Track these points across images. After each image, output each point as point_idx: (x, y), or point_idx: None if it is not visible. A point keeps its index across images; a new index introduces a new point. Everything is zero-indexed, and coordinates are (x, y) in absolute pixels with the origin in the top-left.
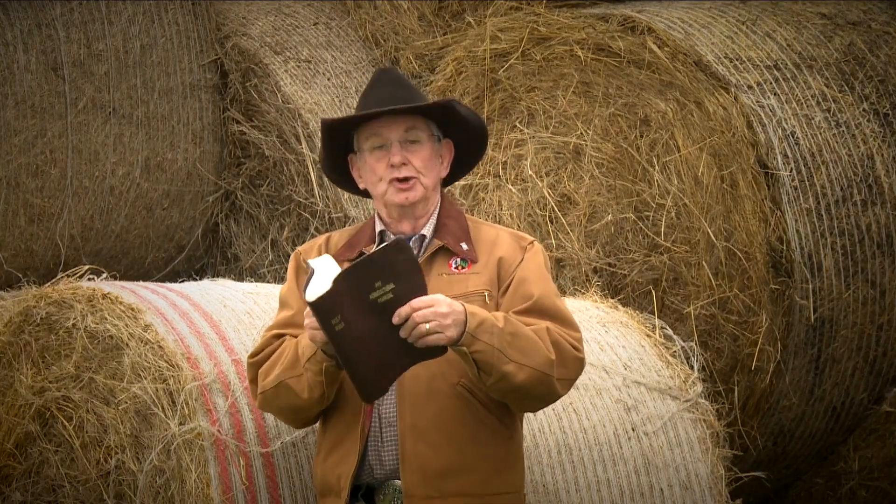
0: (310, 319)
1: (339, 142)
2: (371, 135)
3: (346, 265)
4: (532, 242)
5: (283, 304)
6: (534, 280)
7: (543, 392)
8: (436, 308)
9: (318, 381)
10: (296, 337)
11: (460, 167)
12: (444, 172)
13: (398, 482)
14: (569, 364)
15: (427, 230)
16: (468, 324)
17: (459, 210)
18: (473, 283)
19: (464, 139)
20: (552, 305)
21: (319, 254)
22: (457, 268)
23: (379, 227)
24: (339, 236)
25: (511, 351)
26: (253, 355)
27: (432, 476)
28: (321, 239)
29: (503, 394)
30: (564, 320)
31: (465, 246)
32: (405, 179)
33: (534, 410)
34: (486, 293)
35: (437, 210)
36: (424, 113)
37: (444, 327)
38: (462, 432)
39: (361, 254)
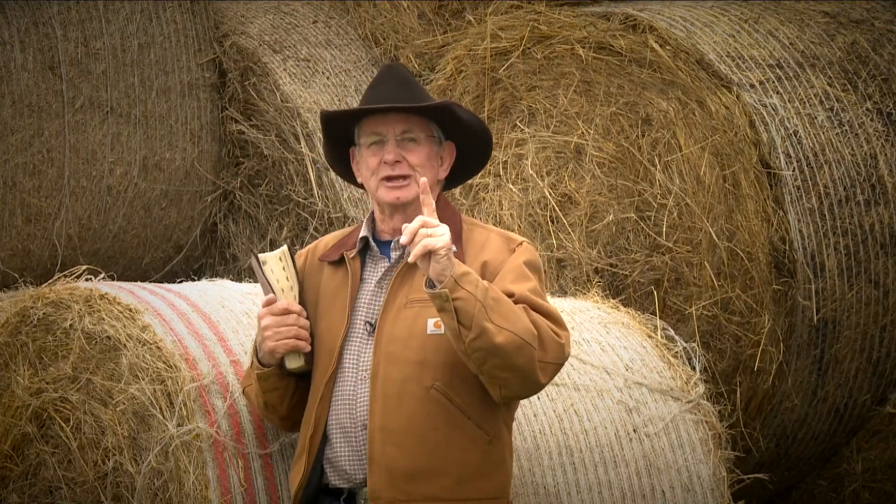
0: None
1: (340, 134)
2: (369, 131)
3: (327, 267)
4: (521, 243)
5: None
6: (511, 279)
7: (524, 364)
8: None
9: (258, 389)
10: None
11: (463, 171)
12: (443, 174)
13: None
14: (548, 347)
15: None
16: (454, 270)
17: (456, 211)
18: None
19: (466, 143)
20: (534, 303)
21: (305, 259)
22: None
23: (364, 231)
24: (329, 239)
25: (493, 312)
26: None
27: (399, 478)
28: (314, 243)
29: (483, 358)
30: (548, 314)
31: (453, 248)
32: (398, 177)
33: (515, 393)
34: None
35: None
36: (423, 113)
37: (437, 238)
38: (434, 436)
39: (342, 258)
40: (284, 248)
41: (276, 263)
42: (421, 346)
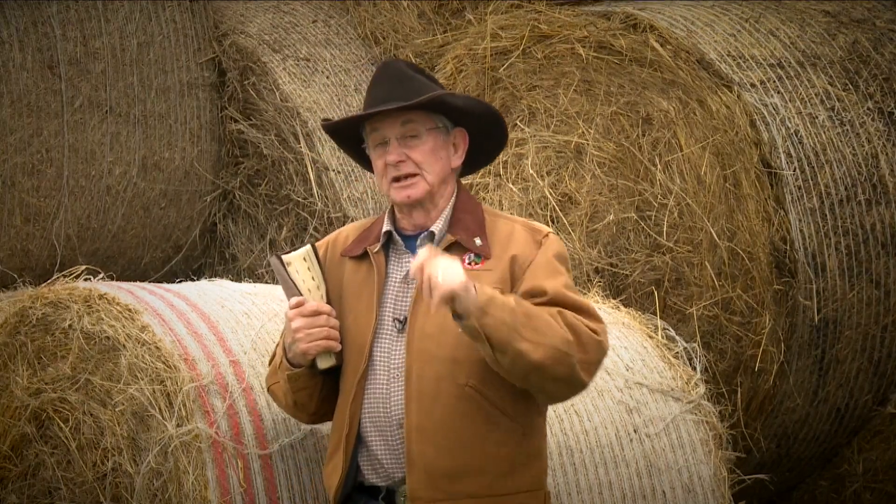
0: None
1: (351, 137)
2: (371, 132)
3: (349, 261)
4: (547, 235)
5: None
6: (545, 275)
7: (565, 373)
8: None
9: (287, 388)
10: None
11: (483, 155)
12: (457, 162)
13: None
14: (588, 347)
15: (437, 226)
16: (478, 300)
17: (476, 202)
18: (486, 281)
19: (477, 127)
20: (568, 299)
21: (325, 252)
22: (470, 264)
23: (387, 226)
24: (350, 230)
25: (525, 330)
26: (270, 361)
27: (438, 478)
28: (333, 235)
29: (523, 375)
30: (581, 310)
31: (478, 241)
32: (405, 177)
33: (561, 398)
34: (497, 291)
35: (453, 203)
36: (415, 109)
37: (444, 283)
38: (470, 433)
39: (366, 253)
40: (308, 247)
41: (300, 264)
42: (453, 343)
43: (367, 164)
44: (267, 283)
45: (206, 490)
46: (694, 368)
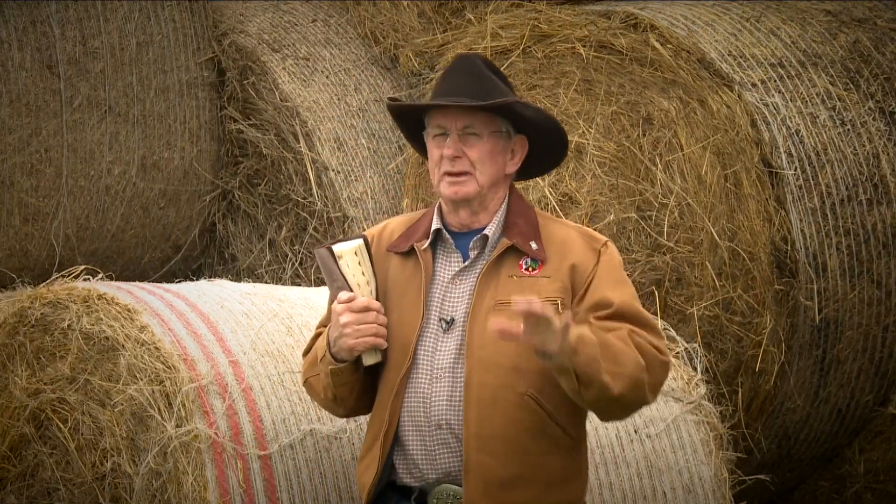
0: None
1: (412, 123)
2: (434, 123)
3: (395, 257)
4: (605, 244)
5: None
6: (610, 286)
7: (636, 398)
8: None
9: (328, 383)
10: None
11: (539, 165)
12: (513, 168)
13: (453, 487)
14: (655, 369)
15: (490, 229)
16: (569, 338)
17: (529, 206)
18: (546, 289)
19: (538, 137)
20: (634, 311)
21: (372, 241)
22: (527, 269)
23: (436, 223)
24: (396, 225)
25: (606, 362)
26: (304, 353)
27: (494, 486)
28: (378, 228)
29: (604, 406)
30: (646, 325)
31: (534, 245)
32: (457, 174)
33: (621, 418)
34: (558, 301)
35: (505, 206)
36: (484, 111)
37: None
38: (526, 443)
39: (412, 249)
40: (360, 241)
41: (351, 258)
42: (514, 351)
43: (420, 146)
44: (266, 283)
45: (205, 491)
46: (695, 369)
